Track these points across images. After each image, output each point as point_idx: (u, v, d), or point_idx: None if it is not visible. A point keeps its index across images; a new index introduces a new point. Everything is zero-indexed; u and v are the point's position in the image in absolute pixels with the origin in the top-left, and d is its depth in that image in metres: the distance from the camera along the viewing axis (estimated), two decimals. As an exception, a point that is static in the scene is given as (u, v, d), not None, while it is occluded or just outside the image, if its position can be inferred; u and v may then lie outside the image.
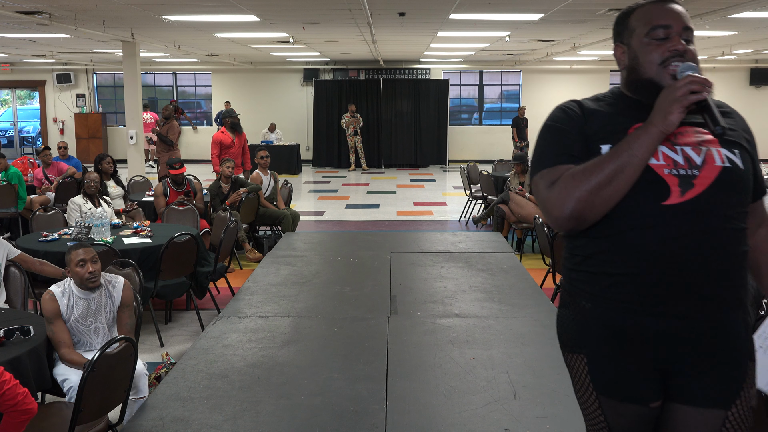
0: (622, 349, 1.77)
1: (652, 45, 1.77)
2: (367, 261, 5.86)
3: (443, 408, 3.10)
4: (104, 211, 6.12)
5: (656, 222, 1.68)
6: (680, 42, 1.76)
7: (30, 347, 3.19)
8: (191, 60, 17.07)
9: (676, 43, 1.75)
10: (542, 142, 1.84)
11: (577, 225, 1.72)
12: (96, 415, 2.97)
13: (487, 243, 6.63)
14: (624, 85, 1.89)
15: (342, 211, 11.14)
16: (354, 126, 16.67)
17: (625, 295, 1.73)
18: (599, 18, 8.82)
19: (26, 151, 19.25)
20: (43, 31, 9.91)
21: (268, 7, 8.02)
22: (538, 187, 1.78)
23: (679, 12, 1.79)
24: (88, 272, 3.54)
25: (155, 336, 5.16)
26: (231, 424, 2.96)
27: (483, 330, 4.11)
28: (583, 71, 18.29)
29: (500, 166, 11.16)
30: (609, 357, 1.78)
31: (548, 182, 1.74)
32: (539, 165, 1.80)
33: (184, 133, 18.53)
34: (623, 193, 1.67)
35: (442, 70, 18.49)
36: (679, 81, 1.67)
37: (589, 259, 1.78)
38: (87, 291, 3.59)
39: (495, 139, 18.62)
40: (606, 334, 1.77)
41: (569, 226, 1.73)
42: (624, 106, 1.84)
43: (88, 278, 3.55)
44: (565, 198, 1.68)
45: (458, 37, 11.39)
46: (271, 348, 3.84)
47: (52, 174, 9.14)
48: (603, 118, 1.81)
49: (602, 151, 1.74)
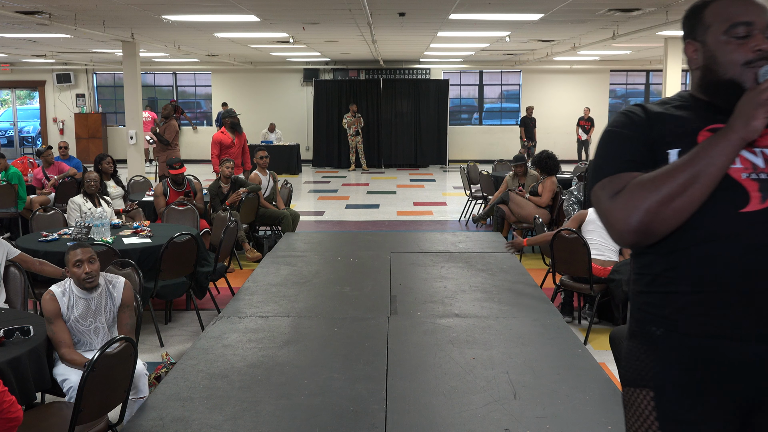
0: (698, 382, 1.56)
1: (732, 44, 1.60)
2: (367, 261, 5.86)
3: (443, 408, 3.10)
4: (104, 211, 6.12)
5: (734, 232, 1.51)
6: (765, 40, 1.59)
7: (30, 347, 3.19)
8: (191, 60, 17.07)
9: (760, 42, 1.58)
10: (603, 149, 1.67)
11: (643, 239, 1.55)
12: (96, 415, 2.97)
13: (487, 243, 6.63)
14: (696, 87, 1.70)
15: (342, 211, 11.14)
16: (356, 126, 16.68)
17: (702, 317, 1.55)
18: (599, 18, 8.82)
19: (26, 151, 19.25)
20: (43, 31, 9.91)
21: (268, 7, 8.02)
22: (598, 198, 1.61)
23: (761, 6, 1.61)
24: (85, 272, 3.54)
25: (155, 336, 5.16)
26: (231, 424, 2.96)
27: (483, 330, 4.11)
28: (583, 71, 18.29)
29: (500, 166, 11.16)
30: (681, 391, 1.58)
31: (611, 192, 1.57)
32: (600, 173, 1.63)
33: (183, 133, 18.52)
34: (697, 205, 1.50)
35: (442, 70, 18.49)
36: (763, 84, 1.51)
37: (659, 279, 1.61)
38: (86, 291, 3.59)
39: (495, 139, 18.63)
40: (679, 365, 1.58)
41: (634, 241, 1.56)
42: (694, 109, 1.66)
43: (85, 278, 3.55)
44: (631, 209, 1.51)
45: (458, 37, 11.39)
46: (271, 348, 3.84)
47: (52, 174, 9.13)
48: (670, 120, 1.64)
49: (670, 156, 1.58)
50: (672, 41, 11.34)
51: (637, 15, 8.43)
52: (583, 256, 5.07)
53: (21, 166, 9.65)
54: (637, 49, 14.24)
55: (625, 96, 19.41)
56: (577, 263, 5.18)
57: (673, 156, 1.57)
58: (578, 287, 5.36)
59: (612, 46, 12.60)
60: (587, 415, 3.04)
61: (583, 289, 5.30)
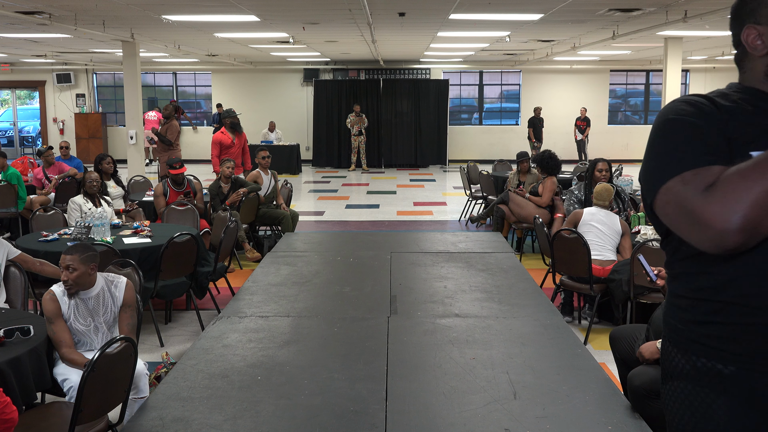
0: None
1: None
2: (367, 261, 5.86)
3: (443, 408, 3.10)
4: (104, 211, 6.12)
5: None
6: None
7: (30, 347, 3.19)
8: (191, 60, 17.07)
9: None
10: (670, 139, 1.40)
11: (749, 239, 1.26)
12: (96, 415, 2.97)
13: (487, 243, 6.63)
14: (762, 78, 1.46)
15: (342, 211, 11.14)
16: (359, 126, 16.68)
17: None
18: (599, 18, 8.82)
19: (26, 151, 19.26)
20: (43, 31, 9.91)
21: (268, 7, 8.02)
22: (681, 195, 1.33)
23: None
24: (63, 279, 3.54)
25: (155, 336, 5.16)
26: (231, 424, 2.96)
27: (483, 330, 4.11)
28: (583, 71, 18.29)
29: (500, 166, 11.16)
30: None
31: (700, 186, 1.30)
32: (675, 167, 1.36)
33: (183, 133, 18.53)
34: None
35: (442, 70, 18.49)
36: None
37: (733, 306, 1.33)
38: (85, 291, 3.59)
39: (495, 139, 18.63)
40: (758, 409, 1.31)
41: (737, 242, 1.26)
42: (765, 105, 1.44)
43: (65, 283, 3.55)
44: (733, 204, 1.24)
45: (458, 37, 11.40)
46: (271, 348, 3.84)
47: (52, 174, 9.14)
48: (744, 116, 1.41)
49: None
50: (672, 41, 11.34)
51: (637, 15, 8.43)
52: (583, 256, 5.07)
53: (21, 167, 9.65)
54: (637, 49, 14.24)
55: (625, 96, 19.42)
56: (577, 263, 5.18)
57: None
58: (578, 287, 5.36)
59: (612, 46, 12.60)
60: (587, 415, 3.04)
61: (583, 289, 5.30)
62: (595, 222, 5.42)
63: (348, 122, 16.79)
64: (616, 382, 3.62)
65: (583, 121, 17.13)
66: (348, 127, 16.84)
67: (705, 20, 7.84)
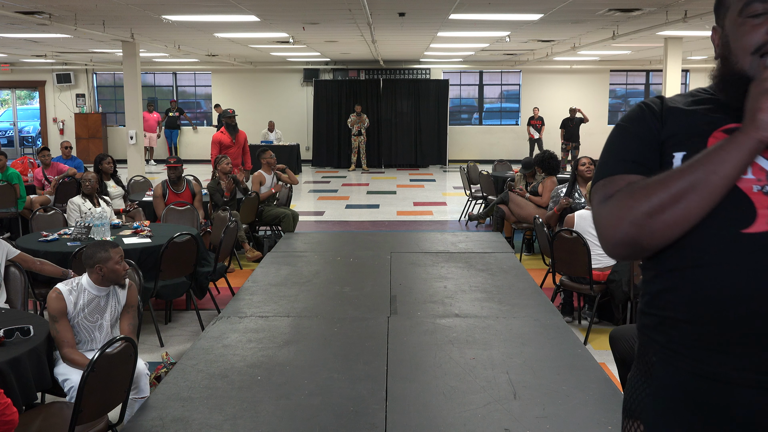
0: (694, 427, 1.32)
1: (747, 26, 1.32)
2: (367, 261, 5.86)
3: (443, 408, 3.10)
4: (104, 211, 6.12)
5: (732, 256, 1.25)
6: None
7: (30, 347, 3.19)
8: (191, 60, 17.07)
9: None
10: (609, 145, 1.46)
11: (631, 253, 1.33)
12: (96, 415, 2.97)
13: (487, 243, 6.63)
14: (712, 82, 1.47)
15: (342, 211, 11.14)
16: (359, 126, 16.68)
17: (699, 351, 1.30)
18: (599, 18, 8.82)
19: (26, 151, 19.26)
20: (43, 31, 9.91)
21: (268, 7, 8.02)
22: (592, 201, 1.42)
23: None
24: (125, 268, 3.69)
25: (155, 336, 5.16)
26: (231, 424, 2.96)
27: (483, 330, 4.11)
28: (583, 71, 18.29)
29: (500, 166, 11.16)
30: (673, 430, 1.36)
31: (602, 196, 1.36)
32: (599, 172, 1.43)
33: (184, 133, 18.54)
34: (695, 219, 1.26)
35: (442, 70, 18.49)
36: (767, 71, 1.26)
37: (657, 299, 1.37)
38: (103, 288, 3.61)
39: (495, 139, 18.63)
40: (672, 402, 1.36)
41: (621, 254, 1.34)
42: (711, 106, 1.40)
43: (125, 275, 3.70)
44: (617, 219, 1.30)
45: (458, 37, 11.40)
46: (271, 348, 3.84)
47: (51, 175, 9.13)
48: (683, 118, 1.39)
49: (674, 160, 1.35)
50: (672, 41, 11.33)
51: (637, 15, 8.43)
52: (583, 256, 5.07)
53: (21, 167, 9.64)
54: (637, 49, 14.24)
55: (625, 96, 19.41)
56: (577, 263, 5.17)
57: (678, 161, 1.35)
58: (578, 287, 5.36)
59: (612, 46, 12.60)
60: (587, 415, 3.04)
61: (583, 289, 5.30)
62: (587, 227, 5.30)
63: (349, 122, 16.79)
64: (616, 382, 3.62)
65: (538, 120, 17.05)
66: (349, 127, 16.85)
67: (705, 20, 7.83)
